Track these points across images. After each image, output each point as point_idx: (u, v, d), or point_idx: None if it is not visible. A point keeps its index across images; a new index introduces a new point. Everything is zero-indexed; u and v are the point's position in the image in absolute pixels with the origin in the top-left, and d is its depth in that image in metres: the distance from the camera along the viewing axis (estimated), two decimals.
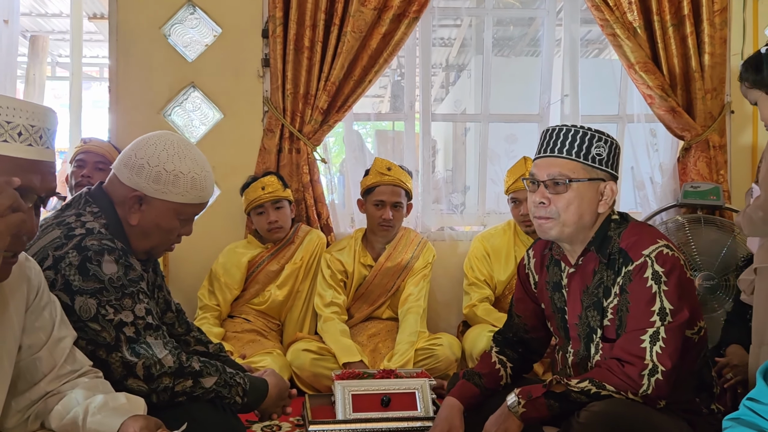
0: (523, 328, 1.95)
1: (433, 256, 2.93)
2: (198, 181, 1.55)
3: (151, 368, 1.44)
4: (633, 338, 1.56)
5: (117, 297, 1.44)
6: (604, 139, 1.69)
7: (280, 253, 2.91)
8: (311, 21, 3.03)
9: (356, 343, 2.74)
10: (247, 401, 1.58)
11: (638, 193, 3.37)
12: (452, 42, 7.90)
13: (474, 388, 1.83)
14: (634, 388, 1.52)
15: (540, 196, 1.68)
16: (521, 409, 1.58)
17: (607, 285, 1.66)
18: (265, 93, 3.15)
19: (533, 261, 1.92)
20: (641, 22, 3.14)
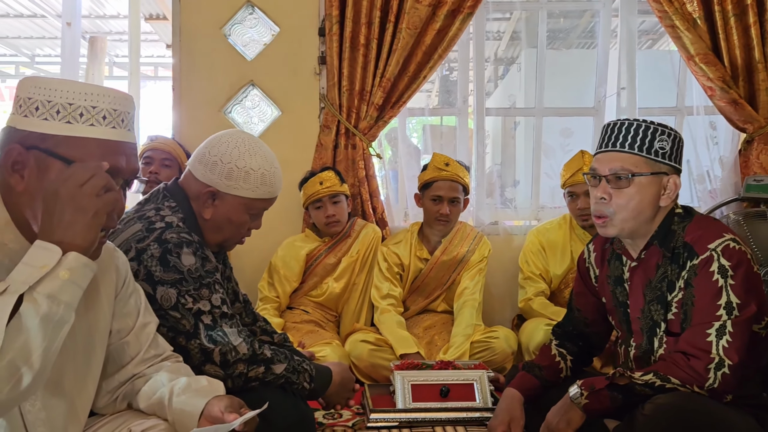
0: (583, 322, 1.96)
1: (489, 250, 2.95)
2: (267, 177, 1.61)
3: (227, 355, 1.51)
4: (699, 332, 1.56)
5: (195, 287, 1.51)
6: (668, 133, 1.69)
7: (337, 246, 2.98)
8: (367, 18, 3.08)
9: (413, 335, 2.79)
10: (314, 387, 1.65)
11: (697, 187, 3.31)
12: (501, 35, 7.85)
13: (534, 380, 1.86)
14: (700, 381, 1.52)
15: (601, 191, 1.69)
16: (584, 401, 1.60)
17: (671, 279, 1.66)
18: (322, 90, 3.22)
19: (594, 255, 1.93)
20: (701, 12, 3.08)
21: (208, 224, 1.63)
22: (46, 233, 1.02)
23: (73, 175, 1.03)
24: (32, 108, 1.09)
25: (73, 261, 1.01)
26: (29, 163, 1.08)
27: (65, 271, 1.00)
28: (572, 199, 2.81)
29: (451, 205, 2.82)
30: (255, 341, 1.59)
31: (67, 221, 1.02)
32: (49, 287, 0.99)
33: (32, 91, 1.09)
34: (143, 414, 1.33)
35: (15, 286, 0.97)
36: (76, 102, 1.09)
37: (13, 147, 1.08)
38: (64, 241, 1.01)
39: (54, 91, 1.09)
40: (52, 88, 1.09)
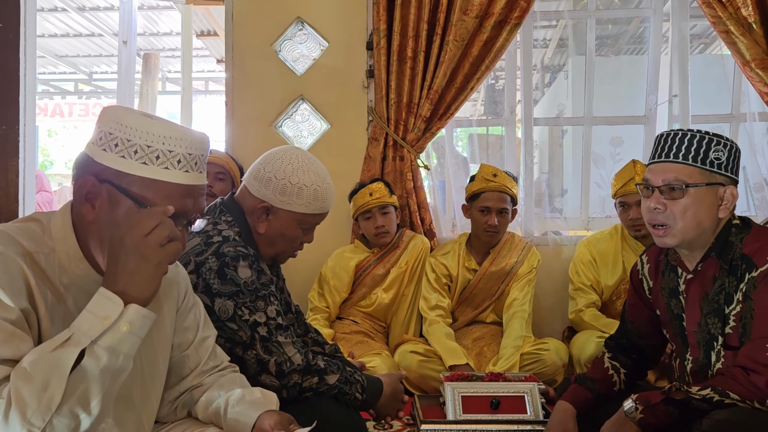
0: (637, 335, 1.93)
1: (537, 261, 2.93)
2: (320, 193, 1.66)
3: (282, 365, 1.55)
4: (758, 346, 1.53)
5: (251, 299, 1.56)
6: (723, 143, 1.66)
7: (386, 257, 3.01)
8: (414, 32, 3.12)
9: (462, 347, 2.79)
10: (365, 397, 1.67)
11: (755, 196, 3.21)
12: (548, 43, 7.79)
13: (587, 393, 1.84)
14: (761, 397, 1.48)
15: (655, 202, 1.67)
16: (639, 415, 1.58)
17: (729, 291, 1.63)
18: (370, 103, 3.27)
19: (647, 266, 1.90)
20: (757, 17, 3.00)
21: (263, 238, 1.67)
22: (110, 281, 1.05)
23: (139, 223, 1.06)
24: (112, 144, 1.11)
25: (133, 314, 1.04)
26: (102, 195, 1.12)
27: (126, 323, 1.03)
28: (624, 209, 2.77)
29: (500, 215, 2.82)
30: (309, 352, 1.62)
31: (130, 270, 1.05)
32: (109, 340, 1.02)
33: (114, 126, 1.12)
34: (202, 423, 1.37)
35: (78, 337, 1.01)
36: (154, 145, 1.12)
37: (88, 179, 1.12)
38: (126, 292, 1.04)
39: (135, 131, 1.11)
40: (134, 128, 1.12)
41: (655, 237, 1.71)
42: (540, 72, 8.98)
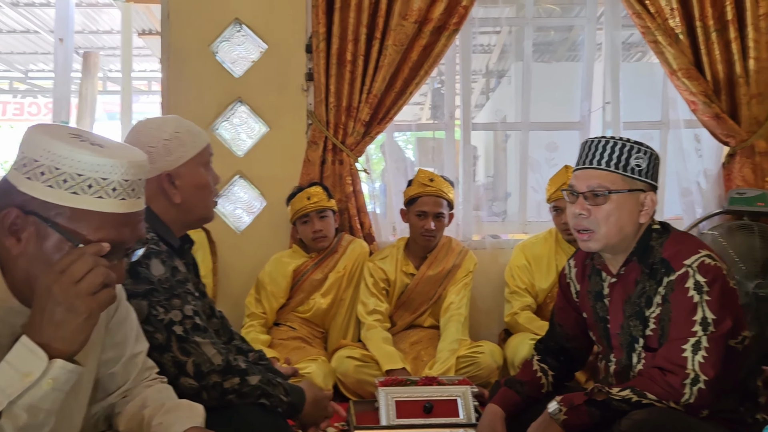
0: (565, 337, 1.97)
1: (474, 264, 2.96)
2: (190, 128, 1.64)
3: (201, 366, 1.50)
4: (675, 348, 1.58)
5: (166, 297, 1.50)
6: (644, 150, 1.71)
7: (324, 262, 2.99)
8: (353, 36, 3.11)
9: (399, 351, 2.79)
10: (291, 400, 1.64)
11: (683, 200, 3.33)
12: (492, 48, 7.91)
13: (516, 396, 1.86)
14: (676, 397, 1.53)
15: (580, 208, 1.71)
16: (562, 416, 1.61)
17: (650, 295, 1.68)
18: (309, 106, 3.24)
19: (574, 270, 1.94)
20: (683, 28, 3.12)
21: (183, 207, 1.61)
22: (35, 331, 0.96)
23: (69, 269, 0.96)
24: (37, 172, 1.01)
25: (58, 370, 0.96)
26: (28, 227, 1.02)
27: (49, 380, 0.95)
28: (557, 214, 2.83)
29: (436, 220, 2.84)
30: (229, 353, 1.58)
31: (57, 321, 0.96)
32: (30, 398, 0.94)
33: (40, 153, 1.01)
34: None
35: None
36: (85, 173, 1.01)
37: (12, 210, 1.02)
38: (51, 345, 0.96)
39: (63, 159, 1.00)
40: (62, 155, 1.01)
41: (580, 242, 1.75)
42: (485, 77, 9.13)
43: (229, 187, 3.28)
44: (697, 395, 1.52)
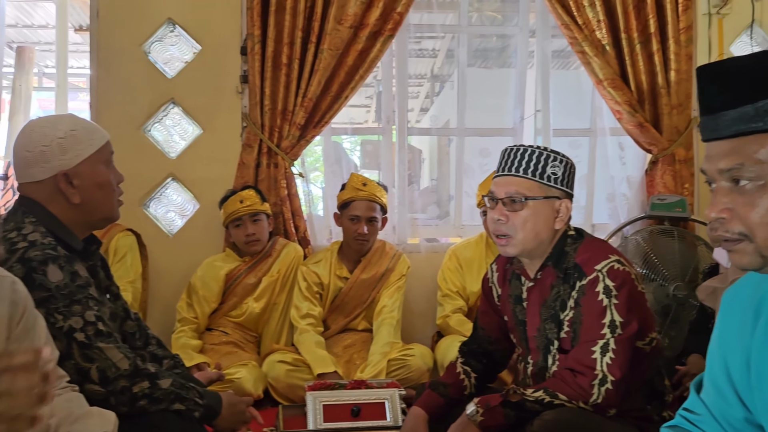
0: (487, 340, 2.02)
1: (407, 268, 3.00)
2: (87, 126, 1.61)
3: (106, 371, 1.46)
4: (585, 349, 1.64)
5: (65, 304, 1.45)
6: (560, 159, 1.77)
7: (258, 266, 2.97)
8: (289, 39, 3.11)
9: (332, 355, 2.80)
10: (207, 403, 1.62)
11: (609, 205, 3.45)
12: (437, 53, 8.00)
13: (439, 398, 1.90)
14: (585, 397, 1.59)
15: (498, 213, 1.76)
16: (479, 418, 1.65)
17: (564, 298, 1.74)
18: (244, 109, 3.22)
19: (496, 275, 1.99)
20: (609, 39, 3.23)
21: (84, 208, 1.57)
22: None
23: None
24: None
25: None
26: None
27: None
28: (487, 218, 2.89)
29: (369, 224, 2.86)
30: (138, 358, 1.55)
31: None
32: None
33: None
34: None
35: None
36: None
37: None
38: None
39: None
40: None
41: (499, 246, 1.80)
42: (430, 81, 9.22)
43: (162, 190, 3.23)
44: (604, 395, 1.59)
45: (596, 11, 3.20)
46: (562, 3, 3.22)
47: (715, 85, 0.94)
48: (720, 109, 0.92)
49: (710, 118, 0.94)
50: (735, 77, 0.91)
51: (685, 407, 1.24)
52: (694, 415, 1.20)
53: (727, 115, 0.91)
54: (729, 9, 3.39)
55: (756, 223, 0.90)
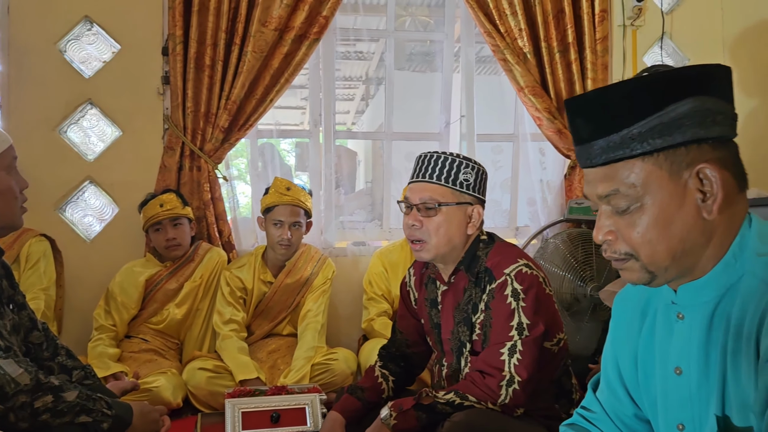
0: (405, 343, 2.04)
1: (332, 272, 3.00)
2: None
3: (5, 387, 1.41)
4: (494, 351, 1.68)
5: None
6: (471, 166, 1.81)
7: (179, 271, 2.91)
8: (212, 40, 3.06)
9: (255, 360, 2.77)
10: (116, 413, 1.58)
11: (529, 209, 3.55)
12: (372, 56, 8.02)
13: (356, 402, 1.91)
14: (494, 398, 1.63)
15: (413, 219, 1.79)
16: (393, 421, 1.67)
17: (476, 302, 1.78)
18: (166, 111, 3.14)
19: (413, 279, 2.02)
20: (531, 48, 3.33)
21: None
22: None
23: None
24: None
25: None
26: None
27: None
28: None
29: (293, 229, 2.84)
30: (40, 372, 1.50)
31: None
32: None
33: None
34: None
35: None
36: None
37: None
38: None
39: None
40: None
41: (414, 251, 1.83)
42: (365, 84, 9.24)
43: (78, 193, 3.12)
44: (512, 396, 1.63)
45: (518, 20, 3.28)
46: (484, 11, 3.29)
47: (582, 117, 0.97)
48: (590, 139, 0.96)
49: (582, 148, 0.98)
50: (600, 108, 0.95)
51: (583, 405, 1.29)
52: (590, 413, 1.26)
53: (597, 144, 0.95)
54: (642, 21, 3.55)
55: (638, 243, 0.95)
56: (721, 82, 0.94)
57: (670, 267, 0.95)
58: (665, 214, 0.93)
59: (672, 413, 1.03)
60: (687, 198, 0.92)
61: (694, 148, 0.91)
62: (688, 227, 0.93)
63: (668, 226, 0.93)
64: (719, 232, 0.94)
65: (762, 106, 3.36)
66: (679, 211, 0.92)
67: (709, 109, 0.91)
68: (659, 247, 0.94)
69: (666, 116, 0.90)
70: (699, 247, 0.94)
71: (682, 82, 0.91)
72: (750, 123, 3.40)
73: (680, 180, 0.92)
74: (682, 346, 1.00)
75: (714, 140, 0.92)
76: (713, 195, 0.91)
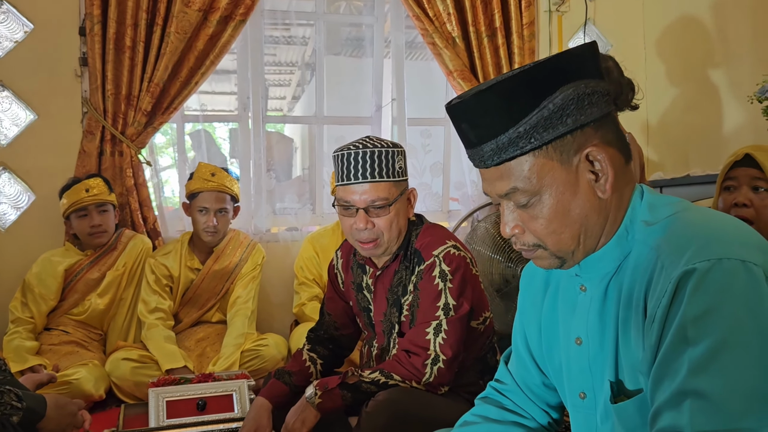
0: (334, 326, 2.03)
1: (262, 258, 2.96)
2: None
3: None
4: (419, 331, 1.69)
5: None
6: (398, 150, 1.76)
7: (102, 260, 2.81)
8: (132, 20, 2.95)
9: (184, 349, 2.71)
10: (27, 405, 1.51)
11: (458, 192, 3.59)
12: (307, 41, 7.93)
13: (283, 387, 1.88)
14: (418, 377, 1.65)
15: (363, 222, 1.70)
16: (318, 400, 1.65)
17: (405, 283, 1.78)
18: (84, 93, 3.02)
19: (341, 261, 2.01)
20: (459, 32, 3.35)
21: None
22: None
23: None
24: None
25: None
26: None
27: None
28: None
29: (219, 215, 2.78)
30: None
31: None
32: None
33: None
34: None
35: None
36: None
37: None
38: None
39: None
40: None
41: (365, 251, 1.76)
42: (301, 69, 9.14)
43: None
44: (437, 374, 1.65)
45: (446, 4, 3.30)
46: None
47: (466, 123, 0.97)
48: (479, 143, 0.96)
49: (473, 152, 0.99)
50: (481, 113, 0.95)
51: (496, 378, 1.32)
52: (502, 385, 1.29)
53: (487, 147, 0.95)
54: (567, 7, 3.63)
55: (544, 234, 0.97)
56: (587, 61, 0.95)
57: (577, 250, 0.98)
58: (563, 203, 0.95)
59: (574, 382, 1.07)
60: (581, 182, 0.95)
61: (579, 133, 0.93)
62: (587, 210, 0.95)
63: (568, 213, 0.95)
64: (613, 208, 0.97)
65: (682, 91, 3.50)
66: (575, 197, 0.95)
67: (583, 94, 0.92)
68: (564, 234, 0.96)
69: (545, 111, 0.91)
70: (599, 226, 0.97)
71: (551, 75, 0.92)
72: (669, 108, 3.54)
73: (571, 167, 0.94)
74: (583, 317, 1.04)
75: (595, 122, 0.94)
76: (605, 174, 0.94)
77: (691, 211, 0.94)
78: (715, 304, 0.80)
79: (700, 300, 0.81)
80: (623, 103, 1.00)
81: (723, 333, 0.78)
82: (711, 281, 0.81)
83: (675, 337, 0.82)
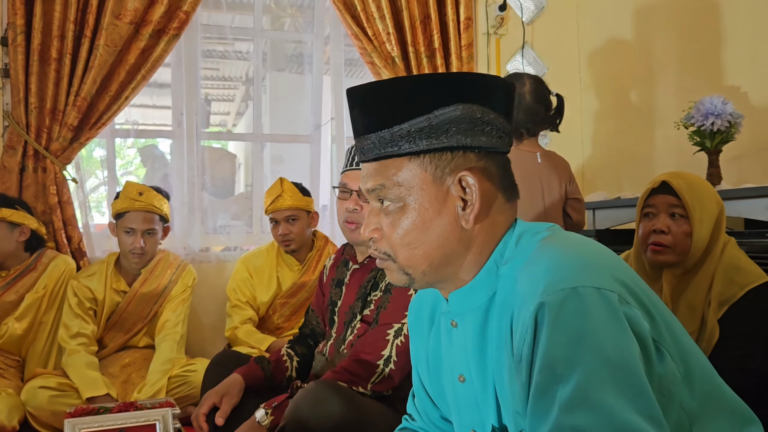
0: (316, 319, 2.05)
1: (193, 280, 2.85)
2: None
3: None
4: (380, 331, 1.69)
5: None
6: None
7: (19, 281, 2.66)
8: (59, 31, 2.83)
9: (108, 375, 2.59)
10: None
11: None
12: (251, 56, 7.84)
13: (260, 371, 1.87)
14: (366, 377, 1.64)
15: (353, 203, 1.77)
16: (270, 418, 1.65)
17: (378, 281, 1.80)
18: (6, 106, 2.88)
19: (332, 260, 2.04)
20: (399, 52, 3.35)
21: None
22: None
23: None
24: None
25: None
26: None
27: None
28: (275, 225, 2.85)
29: (147, 236, 2.67)
30: None
31: None
32: None
33: None
34: None
35: None
36: None
37: None
38: None
39: None
40: None
41: (350, 231, 1.80)
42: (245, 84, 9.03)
43: None
44: (386, 375, 1.65)
45: (386, 23, 3.30)
46: (352, 14, 3.29)
47: (359, 109, 0.95)
48: (365, 132, 0.94)
49: (358, 141, 0.96)
50: (374, 102, 0.92)
51: (407, 411, 1.28)
52: (411, 420, 1.26)
53: (370, 138, 0.93)
54: (505, 30, 3.68)
55: (398, 244, 0.94)
56: (499, 95, 0.93)
57: (428, 272, 0.94)
58: (424, 218, 0.92)
59: (464, 418, 1.03)
60: (447, 204, 0.92)
61: (460, 155, 0.91)
62: (446, 234, 0.92)
63: (426, 230, 0.92)
64: (479, 241, 0.94)
65: (614, 115, 3.59)
66: (438, 216, 0.92)
67: (478, 119, 0.90)
68: (417, 251, 0.93)
69: (435, 119, 0.89)
70: (457, 255, 0.94)
71: (456, 88, 0.90)
72: (603, 131, 3.62)
73: (443, 186, 0.91)
74: (462, 354, 0.99)
75: (480, 150, 0.92)
76: (472, 204, 0.91)
77: (553, 239, 0.91)
78: (576, 337, 0.76)
79: (561, 334, 0.77)
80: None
81: (588, 366, 0.74)
82: (567, 313, 0.77)
83: (542, 375, 0.78)
